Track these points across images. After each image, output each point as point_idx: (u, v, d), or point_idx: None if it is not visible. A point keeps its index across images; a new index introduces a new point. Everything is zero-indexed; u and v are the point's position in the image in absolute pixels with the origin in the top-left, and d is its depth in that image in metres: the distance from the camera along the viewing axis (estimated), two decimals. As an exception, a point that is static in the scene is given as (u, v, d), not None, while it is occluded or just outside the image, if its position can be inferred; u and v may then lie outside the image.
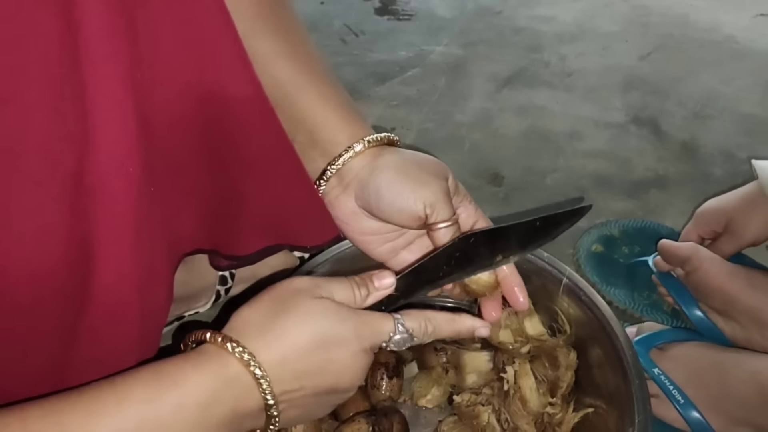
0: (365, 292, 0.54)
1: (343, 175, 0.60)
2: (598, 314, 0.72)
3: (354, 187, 0.60)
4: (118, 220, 0.47)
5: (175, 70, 0.50)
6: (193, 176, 0.57)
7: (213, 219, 0.62)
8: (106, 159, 0.45)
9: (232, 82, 0.52)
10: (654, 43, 1.43)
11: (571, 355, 0.74)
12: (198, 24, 0.49)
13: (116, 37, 0.44)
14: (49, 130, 0.43)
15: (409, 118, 1.23)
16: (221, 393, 0.46)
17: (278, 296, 0.51)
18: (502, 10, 1.52)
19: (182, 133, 0.53)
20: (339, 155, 0.60)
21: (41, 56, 0.41)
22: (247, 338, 0.48)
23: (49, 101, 0.42)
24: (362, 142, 0.60)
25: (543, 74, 1.35)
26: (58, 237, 0.45)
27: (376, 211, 0.59)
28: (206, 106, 0.52)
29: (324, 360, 0.50)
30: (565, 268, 0.75)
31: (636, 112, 1.26)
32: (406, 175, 0.58)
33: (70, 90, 0.43)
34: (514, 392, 0.72)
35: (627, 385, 0.67)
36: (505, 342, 0.74)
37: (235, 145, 0.56)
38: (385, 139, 0.61)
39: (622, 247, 0.99)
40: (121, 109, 0.45)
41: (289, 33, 0.62)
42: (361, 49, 1.40)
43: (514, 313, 0.75)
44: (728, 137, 1.21)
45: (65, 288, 0.48)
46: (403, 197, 0.57)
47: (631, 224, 1.03)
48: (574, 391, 0.74)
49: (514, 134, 1.21)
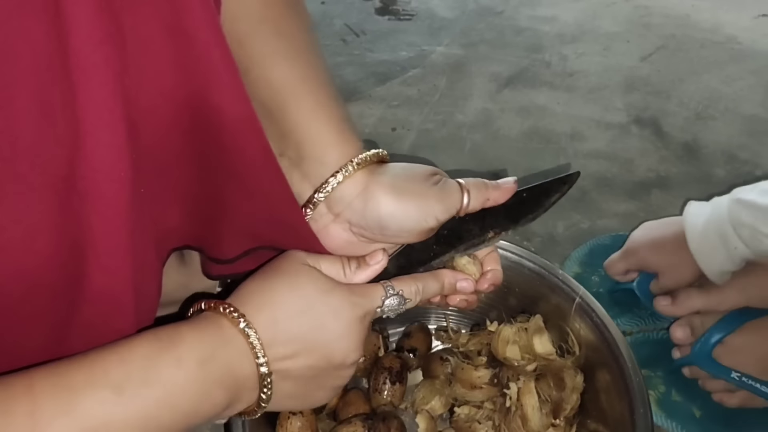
0: (354, 267, 0.56)
1: (332, 203, 0.57)
2: (609, 338, 0.71)
3: (348, 216, 0.57)
4: (109, 222, 0.48)
5: (162, 74, 0.50)
6: (179, 177, 0.56)
7: (199, 218, 0.61)
8: (98, 164, 0.46)
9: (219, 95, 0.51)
10: (655, 44, 1.43)
11: (578, 377, 0.72)
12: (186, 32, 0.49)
13: (105, 43, 0.44)
14: (40, 136, 0.43)
15: (409, 119, 1.23)
16: (217, 352, 0.49)
17: (271, 264, 0.55)
18: (504, 11, 1.51)
19: (168, 136, 0.53)
20: (326, 181, 0.56)
21: (30, 63, 0.42)
22: (240, 302, 0.51)
23: (39, 107, 0.43)
24: (351, 164, 0.56)
25: (544, 74, 1.35)
26: (47, 238, 0.46)
27: (381, 237, 0.58)
28: (192, 112, 0.52)
29: (316, 326, 0.52)
30: (579, 288, 0.74)
31: (637, 112, 1.26)
32: (405, 198, 0.56)
33: (59, 96, 0.43)
34: (515, 409, 0.71)
35: (632, 414, 0.66)
36: (511, 358, 0.73)
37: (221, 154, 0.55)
38: (374, 157, 0.58)
39: (591, 278, 0.97)
40: (110, 115, 0.45)
41: (294, 37, 0.60)
42: (361, 49, 1.39)
43: (523, 329, 0.74)
44: (730, 138, 1.21)
45: (56, 286, 0.49)
46: (412, 219, 0.56)
47: (581, 252, 1.01)
48: (579, 414, 0.74)
49: (515, 135, 1.21)
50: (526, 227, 0.63)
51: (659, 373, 0.86)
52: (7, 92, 0.41)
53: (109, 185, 0.46)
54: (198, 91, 0.50)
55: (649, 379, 0.86)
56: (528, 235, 1.02)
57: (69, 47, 0.42)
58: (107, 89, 0.44)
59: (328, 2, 1.52)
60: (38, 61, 0.42)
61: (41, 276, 0.47)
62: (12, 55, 0.40)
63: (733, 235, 0.78)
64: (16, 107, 0.42)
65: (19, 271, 0.46)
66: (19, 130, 0.42)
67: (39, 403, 0.43)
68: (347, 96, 1.26)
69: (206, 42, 0.49)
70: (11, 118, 0.42)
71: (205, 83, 0.50)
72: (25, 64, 0.41)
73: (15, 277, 0.46)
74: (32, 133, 0.43)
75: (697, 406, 0.83)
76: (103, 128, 0.45)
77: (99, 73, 0.44)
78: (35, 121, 0.43)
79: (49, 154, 0.44)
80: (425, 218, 0.56)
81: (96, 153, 0.45)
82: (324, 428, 0.74)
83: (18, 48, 0.41)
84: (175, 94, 0.50)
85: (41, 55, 0.42)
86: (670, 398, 0.85)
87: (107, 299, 0.50)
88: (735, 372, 0.78)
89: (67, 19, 0.42)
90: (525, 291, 0.77)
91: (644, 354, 0.88)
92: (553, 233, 1.03)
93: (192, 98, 0.51)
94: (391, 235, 0.57)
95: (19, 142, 0.42)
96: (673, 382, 0.86)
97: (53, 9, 0.41)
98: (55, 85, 0.43)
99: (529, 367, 0.72)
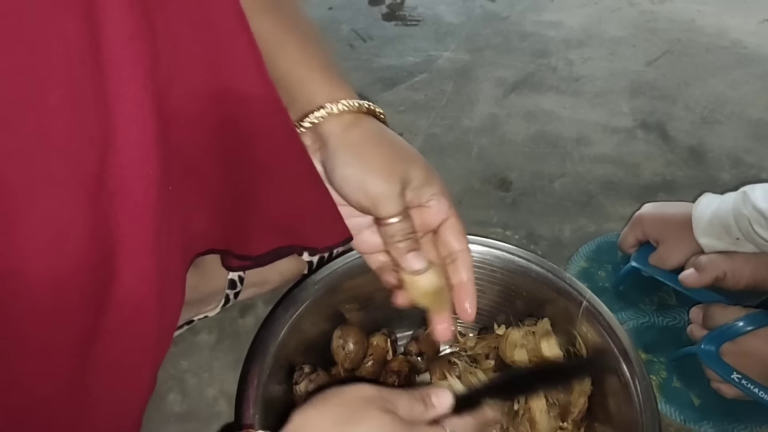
0: (422, 409, 0.54)
1: (318, 135, 0.58)
2: (616, 341, 0.71)
3: (323, 151, 0.58)
4: (138, 221, 0.48)
5: (192, 71, 0.50)
6: (207, 175, 0.57)
7: (226, 218, 0.61)
8: (128, 161, 0.46)
9: (244, 83, 0.52)
10: (661, 48, 1.43)
11: (586, 380, 0.73)
12: (213, 25, 0.49)
13: (137, 39, 0.44)
14: (71, 133, 0.43)
15: (416, 123, 1.24)
16: None
17: (347, 403, 0.51)
18: (509, 16, 1.52)
19: (197, 133, 0.53)
20: (318, 107, 0.56)
21: (64, 60, 0.42)
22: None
23: (71, 104, 0.42)
24: (341, 104, 0.56)
25: (550, 79, 1.35)
26: (79, 240, 0.46)
27: (329, 183, 0.58)
28: (220, 106, 0.52)
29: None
30: (586, 291, 0.74)
31: (643, 117, 1.27)
32: (363, 161, 0.56)
33: (91, 93, 0.43)
34: (523, 413, 0.72)
35: (639, 417, 0.66)
36: (519, 361, 0.73)
37: (247, 146, 0.56)
38: (363, 107, 0.57)
39: (598, 273, 0.98)
40: (141, 111, 0.45)
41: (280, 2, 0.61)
42: (368, 54, 1.40)
43: (531, 333, 0.75)
44: (736, 142, 1.21)
45: (86, 290, 0.48)
46: (350, 184, 0.56)
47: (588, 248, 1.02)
48: (586, 417, 0.74)
49: (522, 139, 1.21)
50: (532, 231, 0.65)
51: (662, 359, 0.88)
52: (40, 90, 0.41)
53: (137, 183, 0.46)
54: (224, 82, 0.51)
55: (652, 364, 0.88)
56: (534, 239, 1.03)
57: (101, 44, 0.42)
58: (137, 84, 0.44)
59: (336, 8, 1.53)
60: (71, 57, 0.41)
61: (71, 280, 0.46)
62: (45, 52, 0.40)
63: (735, 227, 0.81)
64: (48, 104, 0.41)
65: (50, 272, 0.45)
66: (51, 128, 0.42)
67: None
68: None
69: (232, 30, 0.50)
70: (44, 116, 0.41)
71: (231, 73, 0.51)
72: (58, 60, 0.41)
73: (46, 279, 0.46)
74: (64, 130, 0.43)
75: (696, 394, 0.85)
76: (132, 124, 0.45)
77: (130, 68, 0.44)
78: (67, 118, 0.42)
79: (81, 153, 0.44)
80: (359, 189, 0.56)
81: (125, 150, 0.45)
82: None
83: (51, 44, 0.41)
84: (203, 90, 0.51)
85: (74, 52, 0.42)
86: (671, 384, 0.86)
87: (133, 303, 0.50)
88: (736, 374, 0.78)
89: (100, 14, 0.42)
90: (532, 295, 0.78)
91: (649, 339, 0.90)
92: (560, 237, 1.03)
93: (219, 92, 0.51)
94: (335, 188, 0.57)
95: (52, 141, 0.42)
96: (675, 369, 0.87)
97: (86, 5, 0.41)
98: (87, 83, 0.43)
99: (537, 371, 0.73)
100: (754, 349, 0.78)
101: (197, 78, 0.50)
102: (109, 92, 0.43)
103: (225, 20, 0.49)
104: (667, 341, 0.89)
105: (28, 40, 0.40)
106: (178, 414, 0.81)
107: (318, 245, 0.65)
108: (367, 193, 0.55)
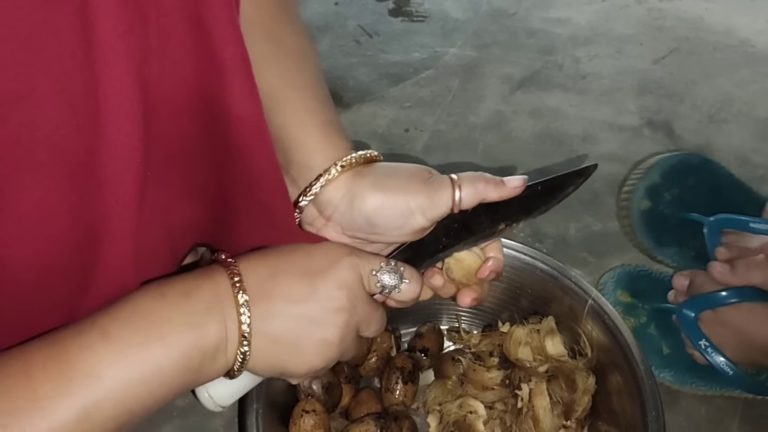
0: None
1: (321, 206, 0.58)
2: (621, 340, 0.71)
3: (338, 220, 0.58)
4: (125, 207, 0.49)
5: (183, 65, 0.50)
6: (192, 167, 0.57)
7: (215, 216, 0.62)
8: (119, 152, 0.47)
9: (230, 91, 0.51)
10: (669, 47, 1.43)
11: (590, 379, 0.73)
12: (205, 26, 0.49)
13: (129, 34, 0.45)
14: (60, 124, 0.44)
15: (422, 120, 1.23)
16: (202, 282, 0.51)
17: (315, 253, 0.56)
18: (516, 12, 1.51)
19: (183, 124, 0.53)
20: (310, 185, 0.57)
21: (56, 53, 0.42)
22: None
23: (61, 96, 0.43)
24: (335, 167, 0.56)
25: (557, 77, 1.35)
26: (64, 226, 0.47)
27: (373, 237, 0.58)
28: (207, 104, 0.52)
29: (303, 260, 0.54)
30: (591, 290, 0.74)
31: (650, 115, 1.26)
32: (390, 194, 0.56)
33: (82, 86, 0.44)
34: (527, 411, 0.72)
35: (644, 417, 0.66)
36: (523, 359, 0.73)
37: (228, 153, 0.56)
38: (361, 159, 0.57)
39: (664, 195, 0.98)
40: (131, 104, 0.46)
41: (284, 41, 0.60)
42: (374, 50, 1.40)
43: (535, 331, 0.75)
44: (743, 141, 1.21)
45: (70, 273, 0.50)
46: (396, 217, 0.55)
47: (667, 162, 1.01)
48: (590, 416, 0.74)
49: (528, 136, 1.21)
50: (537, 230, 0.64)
51: (646, 307, 0.90)
52: (29, 82, 0.41)
53: (127, 172, 0.47)
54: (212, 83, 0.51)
55: (634, 308, 0.90)
56: (540, 237, 1.02)
57: (94, 38, 0.43)
58: (129, 79, 0.45)
59: (342, 3, 1.53)
60: (62, 51, 0.42)
61: (56, 261, 0.48)
62: (36, 46, 0.41)
63: None
64: (37, 97, 0.42)
65: (35, 257, 0.47)
66: (40, 119, 0.43)
67: (31, 358, 0.44)
68: (361, 97, 1.26)
69: (222, 38, 0.49)
70: (33, 107, 0.42)
71: (218, 80, 0.51)
72: (49, 54, 0.41)
73: (31, 264, 0.47)
74: (53, 122, 0.43)
75: (667, 345, 0.87)
76: (123, 117, 0.45)
77: (122, 63, 0.44)
78: (56, 110, 0.43)
79: (68, 143, 0.44)
80: (412, 214, 0.55)
81: (117, 141, 0.46)
82: (336, 427, 0.74)
83: (43, 39, 0.41)
84: (195, 86, 0.51)
85: (65, 46, 0.42)
86: (647, 330, 0.89)
87: (115, 282, 0.51)
88: (705, 341, 0.80)
89: (93, 8, 0.42)
90: (537, 292, 0.78)
91: (640, 286, 0.92)
92: (565, 235, 1.03)
93: (207, 90, 0.51)
94: (383, 234, 0.57)
95: (39, 131, 0.43)
96: (655, 319, 0.89)
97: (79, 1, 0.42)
98: (78, 76, 0.43)
99: (541, 369, 0.73)
100: (732, 320, 0.80)
101: (188, 72, 0.51)
102: (100, 86, 0.44)
103: (216, 24, 0.49)
104: (656, 292, 0.91)
105: (19, 33, 0.40)
106: (180, 408, 0.81)
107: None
108: (420, 209, 0.55)
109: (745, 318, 0.80)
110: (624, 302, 0.90)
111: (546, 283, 0.76)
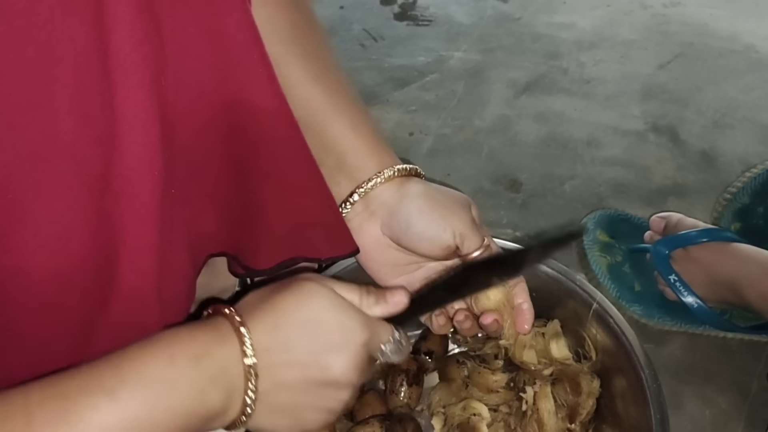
0: (372, 302, 0.54)
1: (369, 201, 0.62)
2: (626, 343, 0.71)
3: (381, 214, 0.62)
4: (142, 220, 0.48)
5: (202, 77, 0.51)
6: (214, 178, 0.58)
7: (234, 224, 0.62)
8: (134, 162, 0.47)
9: (256, 93, 0.53)
10: (673, 52, 1.43)
11: (594, 382, 0.73)
12: (225, 35, 0.50)
13: (145, 43, 0.45)
14: (78, 134, 0.44)
15: (427, 124, 1.24)
16: (211, 349, 0.47)
17: (284, 282, 0.52)
18: (521, 17, 1.52)
19: (205, 138, 0.54)
20: (367, 180, 0.61)
21: (72, 63, 0.42)
22: (244, 306, 0.50)
23: (78, 106, 0.43)
24: (391, 169, 0.62)
25: (561, 81, 1.35)
26: (82, 238, 0.47)
27: (404, 240, 0.61)
28: (230, 113, 0.53)
29: (319, 338, 0.49)
30: (596, 293, 0.74)
31: (655, 120, 1.26)
32: (436, 205, 0.60)
33: (98, 96, 0.44)
34: (531, 413, 0.72)
35: (648, 420, 0.66)
36: (528, 362, 0.73)
37: (256, 155, 0.57)
38: (412, 171, 0.63)
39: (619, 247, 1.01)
40: (146, 114, 0.46)
41: (320, 56, 0.64)
42: (380, 54, 1.40)
43: (540, 334, 0.75)
44: (747, 146, 1.21)
45: (88, 288, 0.49)
46: (434, 226, 0.60)
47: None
48: (594, 419, 0.74)
49: (533, 141, 1.21)
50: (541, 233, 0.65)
51: (623, 248, 0.96)
52: (48, 91, 0.42)
53: (143, 184, 0.47)
54: (235, 91, 0.51)
55: (612, 247, 0.96)
56: (544, 241, 1.02)
57: (109, 47, 0.43)
58: (144, 89, 0.45)
59: (347, 7, 1.53)
60: (79, 61, 0.42)
61: (74, 277, 0.47)
62: (54, 56, 0.41)
63: None
64: (56, 106, 0.42)
65: (54, 271, 0.46)
66: (59, 129, 0.43)
67: (34, 413, 0.42)
68: (366, 100, 1.26)
69: (244, 42, 0.50)
70: (51, 116, 0.42)
71: (242, 82, 0.51)
72: (67, 64, 0.42)
73: (49, 279, 0.46)
74: (71, 132, 0.43)
75: (639, 283, 0.92)
76: (139, 127, 0.46)
77: (138, 72, 0.45)
78: (74, 120, 0.43)
79: (86, 154, 0.45)
80: (445, 229, 0.59)
81: (132, 152, 0.46)
82: (341, 428, 0.75)
83: (60, 48, 0.41)
84: (213, 97, 0.51)
85: (82, 55, 0.42)
86: (621, 268, 0.94)
87: (135, 299, 0.51)
88: (674, 276, 0.86)
89: (109, 19, 0.42)
90: (542, 296, 0.78)
91: (619, 228, 0.99)
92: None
93: (229, 100, 0.52)
94: (413, 240, 0.60)
95: (59, 141, 0.43)
96: (630, 259, 0.95)
97: (95, 9, 0.42)
98: (94, 85, 0.43)
99: (546, 372, 0.73)
100: (701, 258, 0.86)
101: (207, 84, 0.51)
102: (116, 96, 0.45)
103: (237, 31, 0.50)
104: (633, 235, 0.97)
105: (37, 43, 0.41)
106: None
107: (323, 255, 0.65)
108: (455, 229, 0.60)
109: (713, 256, 0.85)
110: (602, 241, 0.95)
111: (551, 286, 0.76)
